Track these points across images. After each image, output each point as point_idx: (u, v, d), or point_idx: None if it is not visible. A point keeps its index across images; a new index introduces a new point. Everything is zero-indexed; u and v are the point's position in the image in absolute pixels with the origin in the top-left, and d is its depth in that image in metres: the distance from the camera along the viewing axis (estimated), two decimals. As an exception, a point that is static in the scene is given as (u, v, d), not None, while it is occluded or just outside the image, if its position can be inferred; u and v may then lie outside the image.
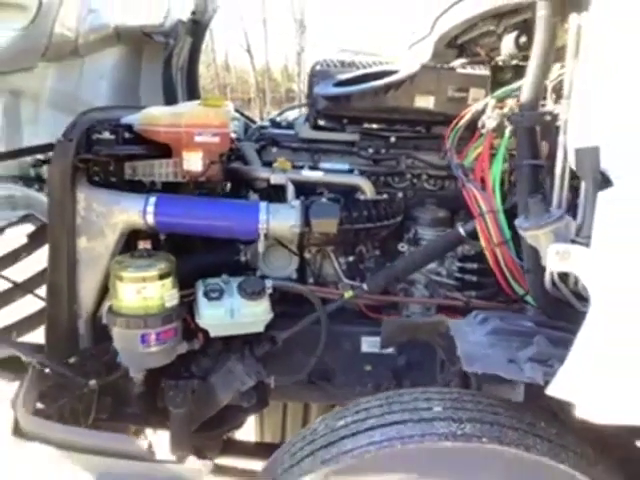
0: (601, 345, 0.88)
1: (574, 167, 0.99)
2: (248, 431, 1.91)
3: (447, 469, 0.93)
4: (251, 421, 1.92)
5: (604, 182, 0.92)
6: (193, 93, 2.81)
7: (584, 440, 0.99)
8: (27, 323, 1.70)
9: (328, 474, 0.94)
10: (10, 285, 1.69)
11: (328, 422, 1.06)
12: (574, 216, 1.01)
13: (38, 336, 1.56)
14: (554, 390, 0.91)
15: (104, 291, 1.44)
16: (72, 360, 1.42)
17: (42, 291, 1.54)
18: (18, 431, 1.17)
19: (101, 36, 1.97)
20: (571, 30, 1.02)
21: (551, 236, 0.98)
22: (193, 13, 2.68)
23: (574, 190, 1.03)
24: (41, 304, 1.60)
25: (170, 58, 2.64)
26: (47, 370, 1.37)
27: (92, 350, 1.44)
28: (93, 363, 1.41)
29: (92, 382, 1.36)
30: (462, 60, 1.68)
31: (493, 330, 1.08)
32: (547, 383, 0.92)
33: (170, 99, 2.60)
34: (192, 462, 1.11)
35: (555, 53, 1.10)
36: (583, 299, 0.98)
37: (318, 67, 1.70)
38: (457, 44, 1.64)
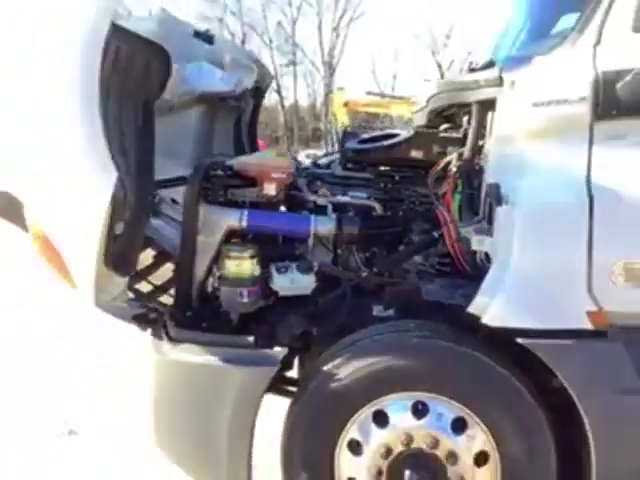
0: (495, 283, 1.72)
1: (487, 194, 1.84)
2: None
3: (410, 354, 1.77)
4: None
5: (500, 202, 1.77)
6: (253, 144, 3.72)
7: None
8: (161, 290, 2.54)
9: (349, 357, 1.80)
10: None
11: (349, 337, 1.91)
12: (490, 220, 1.85)
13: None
14: (474, 309, 1.75)
15: (209, 269, 2.29)
16: (188, 313, 2.27)
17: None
18: (170, 338, 2.03)
19: (189, 98, 2.81)
20: (488, 120, 1.89)
21: (474, 232, 1.83)
22: (256, 82, 3.59)
23: (489, 206, 1.88)
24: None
25: (240, 117, 3.59)
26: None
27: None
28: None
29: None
30: (446, 125, 2.55)
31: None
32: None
33: (239, 148, 3.55)
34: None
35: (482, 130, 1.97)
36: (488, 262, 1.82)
37: (348, 129, 2.58)
38: (443, 115, 2.52)
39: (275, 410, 2.13)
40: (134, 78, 2.03)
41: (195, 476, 2.13)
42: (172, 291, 2.50)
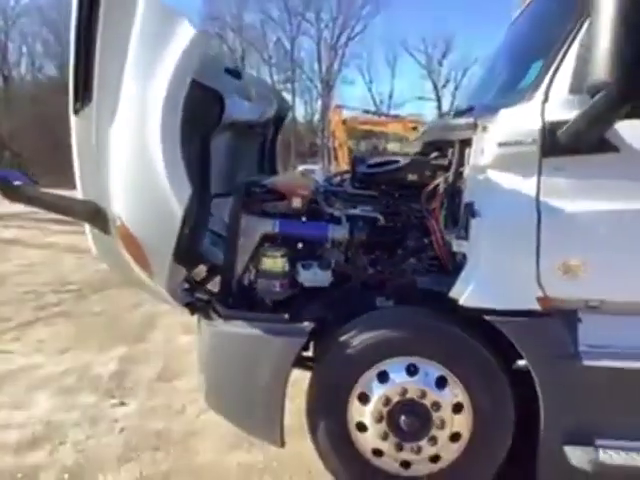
0: (470, 276, 2.34)
1: (465, 209, 2.47)
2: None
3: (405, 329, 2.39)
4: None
5: (474, 216, 2.40)
6: (273, 163, 4.36)
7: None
8: (208, 280, 3.14)
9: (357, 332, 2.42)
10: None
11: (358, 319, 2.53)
12: (466, 229, 2.47)
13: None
14: (453, 294, 2.37)
15: (247, 266, 2.90)
16: (230, 300, 2.88)
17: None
18: (221, 316, 2.64)
19: (223, 124, 3.38)
20: (466, 153, 2.53)
21: (455, 238, 2.46)
22: (277, 111, 4.22)
23: (466, 219, 2.50)
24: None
25: (264, 142, 4.23)
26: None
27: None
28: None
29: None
30: (435, 154, 3.18)
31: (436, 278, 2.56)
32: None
33: (262, 168, 4.19)
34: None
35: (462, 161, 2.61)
36: (465, 260, 2.44)
37: (358, 155, 3.22)
38: (435, 145, 3.15)
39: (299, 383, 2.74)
40: (200, 117, 2.65)
41: (241, 427, 2.73)
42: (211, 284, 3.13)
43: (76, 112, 2.57)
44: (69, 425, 3.30)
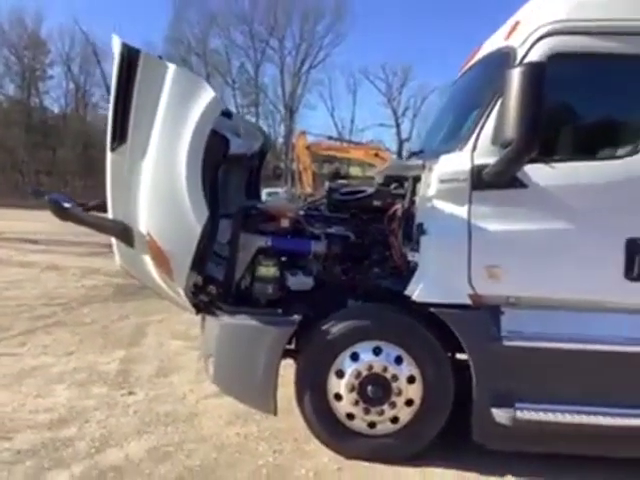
0: (420, 278, 3.14)
1: (417, 229, 3.28)
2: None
3: (372, 319, 3.16)
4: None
5: (423, 234, 3.20)
6: (258, 190, 5.09)
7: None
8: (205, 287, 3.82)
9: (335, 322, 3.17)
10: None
11: (334, 314, 3.28)
12: (418, 244, 3.27)
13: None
14: (408, 292, 3.15)
15: (244, 273, 3.61)
16: (230, 299, 3.58)
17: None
18: (225, 311, 3.34)
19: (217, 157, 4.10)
20: (417, 186, 3.34)
21: (410, 251, 3.26)
22: (262, 145, 4.96)
23: (418, 236, 3.30)
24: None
25: (251, 172, 4.98)
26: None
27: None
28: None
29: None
30: (395, 185, 3.99)
31: (395, 280, 3.34)
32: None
33: (249, 194, 4.92)
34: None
35: (414, 191, 3.42)
36: (416, 267, 3.24)
37: (332, 185, 4.01)
38: (394, 178, 3.96)
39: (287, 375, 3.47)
40: (212, 156, 3.37)
41: (241, 400, 3.42)
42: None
43: (113, 149, 3.29)
44: (90, 409, 3.88)
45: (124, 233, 3.39)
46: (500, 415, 3.15)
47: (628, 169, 3.08)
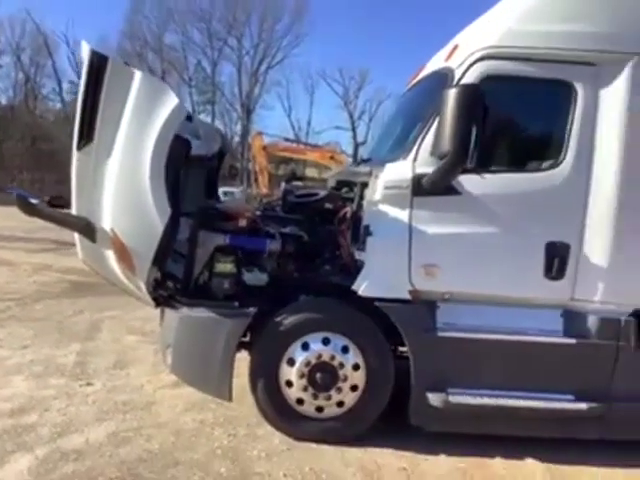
0: (365, 275, 3.46)
1: (363, 230, 3.60)
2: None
3: (321, 311, 3.47)
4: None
5: (369, 235, 3.52)
6: (215, 190, 5.31)
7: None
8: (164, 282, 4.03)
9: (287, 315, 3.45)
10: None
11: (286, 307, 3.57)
12: (364, 244, 3.59)
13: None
14: (355, 288, 3.47)
15: (203, 269, 3.83)
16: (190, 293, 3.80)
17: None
18: (184, 304, 3.57)
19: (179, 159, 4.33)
20: (365, 191, 3.67)
21: (357, 250, 3.57)
22: (220, 147, 5.19)
23: (365, 237, 3.62)
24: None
25: (209, 172, 5.20)
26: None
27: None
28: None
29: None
30: (345, 189, 4.30)
31: (344, 277, 3.65)
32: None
33: (208, 193, 5.13)
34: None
35: (362, 195, 3.75)
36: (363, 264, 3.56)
37: (288, 187, 4.30)
38: (345, 183, 4.28)
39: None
40: (175, 157, 3.58)
41: (198, 387, 3.65)
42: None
43: (79, 148, 3.46)
44: (49, 399, 4.01)
45: (87, 229, 3.57)
46: (434, 399, 3.50)
47: (549, 180, 3.49)
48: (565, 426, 3.60)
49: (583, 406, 3.50)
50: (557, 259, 3.50)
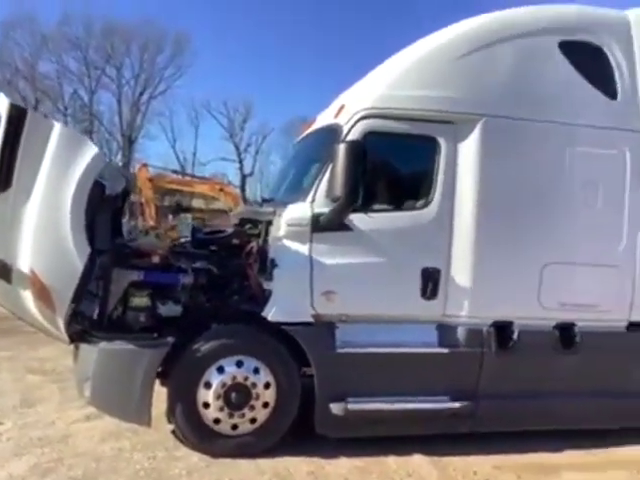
0: (273, 302, 3.93)
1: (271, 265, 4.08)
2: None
3: (235, 337, 3.88)
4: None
5: (275, 267, 4.01)
6: (120, 227, 5.50)
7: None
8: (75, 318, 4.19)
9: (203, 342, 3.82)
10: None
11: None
12: (271, 274, 4.06)
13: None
14: (264, 314, 3.92)
15: (117, 304, 4.07)
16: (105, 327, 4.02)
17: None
18: (101, 338, 3.79)
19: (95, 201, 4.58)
20: (269, 229, 4.17)
21: (265, 280, 4.04)
22: (124, 187, 5.43)
23: (271, 268, 4.10)
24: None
25: (115, 210, 5.39)
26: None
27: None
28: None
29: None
30: (249, 225, 4.76)
31: (253, 305, 4.09)
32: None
33: (114, 232, 5.32)
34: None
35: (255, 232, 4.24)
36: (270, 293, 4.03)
37: (196, 225, 4.68)
38: (248, 220, 4.75)
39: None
40: (92, 201, 3.83)
41: (118, 416, 3.86)
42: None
43: (-5, 194, 3.61)
44: (-42, 440, 3.98)
45: (3, 270, 3.69)
46: (336, 408, 4.03)
47: (421, 217, 4.24)
48: (443, 423, 4.29)
49: (457, 405, 4.21)
50: (430, 282, 4.22)
